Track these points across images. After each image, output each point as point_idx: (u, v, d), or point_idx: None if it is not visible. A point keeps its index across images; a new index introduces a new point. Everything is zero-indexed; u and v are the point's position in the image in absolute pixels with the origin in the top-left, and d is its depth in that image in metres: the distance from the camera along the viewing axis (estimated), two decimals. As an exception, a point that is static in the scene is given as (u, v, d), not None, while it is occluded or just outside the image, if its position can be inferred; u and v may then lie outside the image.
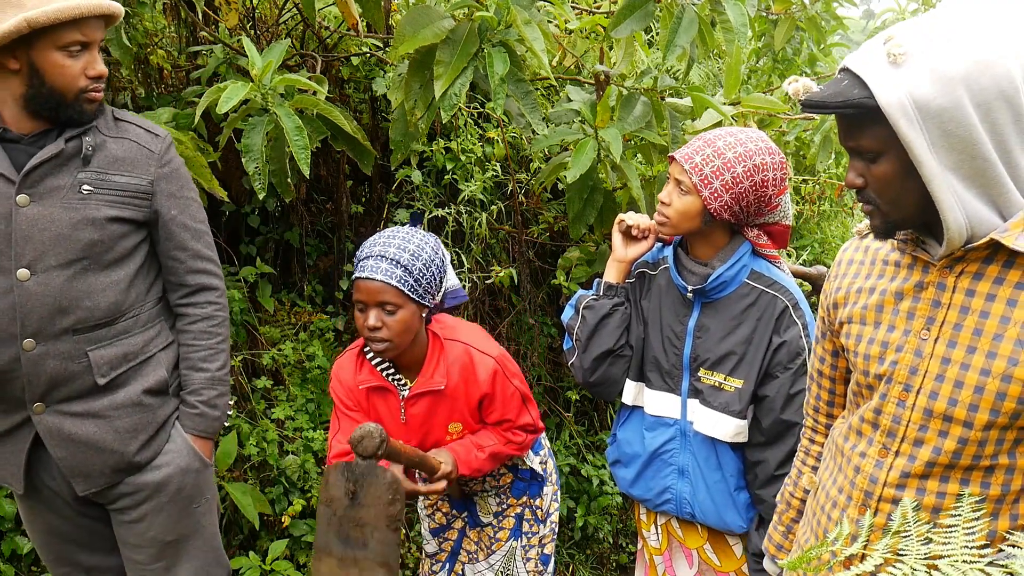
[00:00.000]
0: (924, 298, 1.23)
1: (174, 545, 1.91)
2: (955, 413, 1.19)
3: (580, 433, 3.55)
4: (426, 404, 1.95)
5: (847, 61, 1.14)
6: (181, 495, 1.88)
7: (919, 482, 1.24)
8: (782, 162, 1.78)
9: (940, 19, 1.10)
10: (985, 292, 1.17)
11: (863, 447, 1.31)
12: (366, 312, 1.81)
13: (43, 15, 1.54)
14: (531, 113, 2.26)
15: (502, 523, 2.16)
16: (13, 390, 1.71)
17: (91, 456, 1.77)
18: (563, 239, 3.31)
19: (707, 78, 4.39)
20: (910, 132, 1.08)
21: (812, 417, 1.57)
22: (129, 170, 1.75)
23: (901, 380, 1.25)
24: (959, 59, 1.07)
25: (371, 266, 1.79)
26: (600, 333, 1.94)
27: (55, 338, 1.69)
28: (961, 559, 0.85)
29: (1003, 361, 1.15)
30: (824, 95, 1.14)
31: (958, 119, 1.07)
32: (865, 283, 1.33)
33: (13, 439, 1.76)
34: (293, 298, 3.15)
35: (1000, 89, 1.07)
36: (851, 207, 5.30)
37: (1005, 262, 1.16)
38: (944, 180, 1.10)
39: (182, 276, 1.86)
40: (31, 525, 1.91)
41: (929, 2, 3.71)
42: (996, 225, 1.14)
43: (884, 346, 1.27)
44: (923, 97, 1.07)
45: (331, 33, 2.84)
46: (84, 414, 1.75)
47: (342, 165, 3.07)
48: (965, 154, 1.09)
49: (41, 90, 1.62)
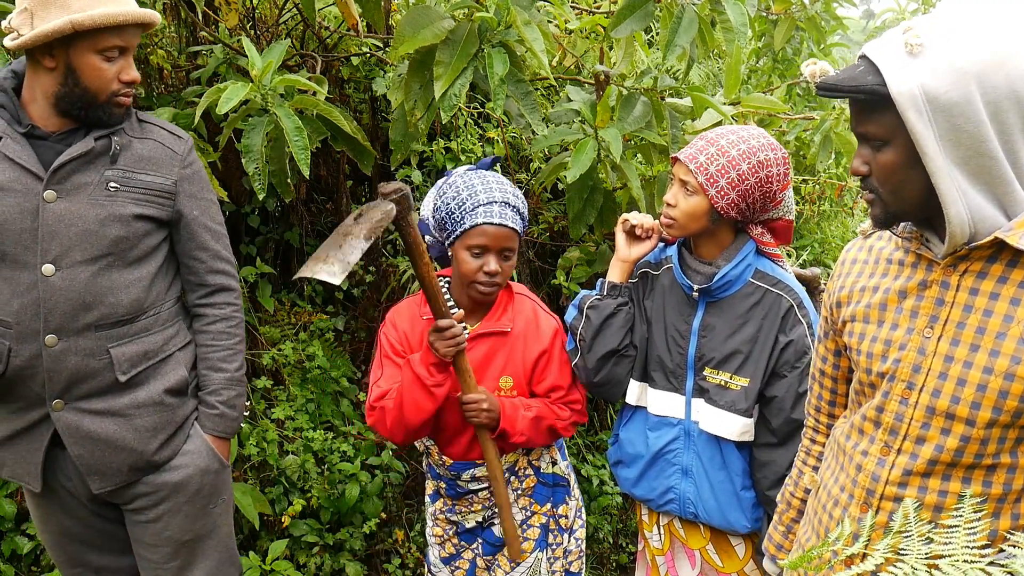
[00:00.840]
0: (928, 296, 1.23)
1: (190, 545, 1.91)
2: (958, 411, 1.19)
3: (580, 433, 3.55)
4: (486, 348, 1.95)
5: (866, 48, 1.15)
6: (199, 496, 1.89)
7: (921, 480, 1.24)
8: (784, 157, 1.79)
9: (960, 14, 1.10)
10: (989, 291, 1.17)
11: (865, 445, 1.31)
12: (485, 257, 1.86)
13: (88, 19, 1.58)
14: (531, 113, 2.26)
15: (526, 533, 2.08)
16: (33, 386, 1.71)
17: (109, 454, 1.77)
18: (563, 239, 3.31)
19: (707, 78, 4.40)
20: (918, 123, 1.08)
21: (814, 417, 1.57)
22: (154, 169, 1.78)
23: (904, 378, 1.25)
24: (975, 55, 1.07)
25: (499, 212, 1.85)
26: (604, 333, 1.94)
27: (77, 334, 1.70)
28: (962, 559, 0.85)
29: (1006, 359, 1.15)
30: (838, 79, 1.15)
31: (967, 114, 1.07)
32: (869, 282, 1.33)
33: (30, 437, 1.76)
34: (293, 298, 3.15)
35: (1013, 89, 1.08)
36: (851, 207, 5.31)
37: (1009, 261, 1.16)
38: (948, 173, 1.10)
39: (202, 276, 1.88)
40: (43, 525, 1.90)
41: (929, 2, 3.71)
42: (1000, 224, 1.14)
43: (887, 344, 1.27)
44: (935, 90, 1.07)
45: (331, 33, 2.84)
46: (104, 412, 1.76)
47: (342, 165, 3.07)
48: (972, 150, 1.09)
49: (74, 90, 1.65)
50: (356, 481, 2.84)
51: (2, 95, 1.70)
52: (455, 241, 1.89)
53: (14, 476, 1.80)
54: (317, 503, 2.80)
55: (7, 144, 1.66)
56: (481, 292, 1.90)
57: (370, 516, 2.89)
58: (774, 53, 4.00)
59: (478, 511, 2.07)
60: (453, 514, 2.09)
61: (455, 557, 2.13)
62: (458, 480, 2.03)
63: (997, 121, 1.08)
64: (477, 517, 2.07)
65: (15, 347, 1.68)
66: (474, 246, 1.86)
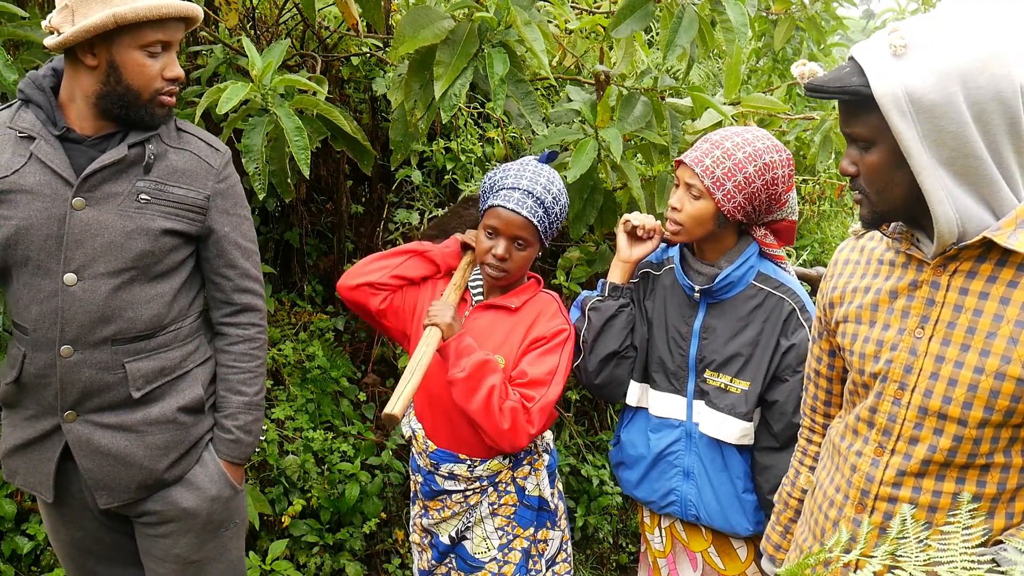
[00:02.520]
0: (918, 297, 1.23)
1: (197, 565, 1.86)
2: (949, 411, 1.19)
3: (580, 433, 3.55)
4: (488, 320, 1.95)
5: (853, 50, 1.16)
6: (211, 522, 1.84)
7: (915, 480, 1.24)
8: (789, 159, 1.79)
9: (946, 16, 1.11)
10: (979, 290, 1.18)
11: (859, 446, 1.31)
12: (496, 239, 1.88)
13: (132, 12, 1.52)
14: (531, 113, 2.25)
15: (508, 557, 1.99)
16: (46, 395, 1.68)
17: (118, 470, 1.73)
18: (563, 239, 3.31)
19: (707, 78, 4.39)
20: (901, 123, 1.09)
21: (810, 417, 1.57)
22: (188, 183, 1.72)
23: (896, 378, 1.25)
24: (959, 56, 1.07)
25: (518, 199, 1.85)
26: (606, 334, 1.93)
27: (93, 347, 1.66)
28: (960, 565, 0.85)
29: (996, 359, 1.15)
30: (824, 80, 1.16)
31: (950, 115, 1.08)
32: (860, 283, 1.33)
33: (43, 446, 1.73)
34: (293, 298, 3.15)
35: (997, 91, 1.08)
36: (851, 207, 5.30)
37: (998, 260, 1.17)
38: (934, 173, 1.11)
39: (229, 294, 1.82)
40: (55, 535, 1.87)
41: (929, 2, 3.71)
42: (989, 223, 1.15)
43: (879, 345, 1.27)
44: (917, 91, 1.07)
45: (331, 33, 2.84)
46: (116, 427, 1.71)
47: (342, 165, 3.07)
48: (957, 151, 1.10)
49: (117, 88, 1.60)
50: (356, 481, 2.84)
51: (39, 94, 1.64)
52: (481, 218, 1.93)
53: (27, 485, 1.77)
54: (317, 503, 2.80)
55: (40, 146, 1.61)
56: (490, 274, 1.92)
57: (370, 516, 2.89)
58: (774, 53, 4.00)
59: (449, 519, 2.02)
60: (427, 519, 2.04)
61: (429, 574, 2.10)
62: (436, 474, 1.98)
63: (981, 122, 1.09)
64: (450, 529, 2.02)
65: (30, 354, 1.66)
66: (489, 227, 1.90)
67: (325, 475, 2.83)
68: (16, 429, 1.75)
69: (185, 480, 1.80)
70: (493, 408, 1.79)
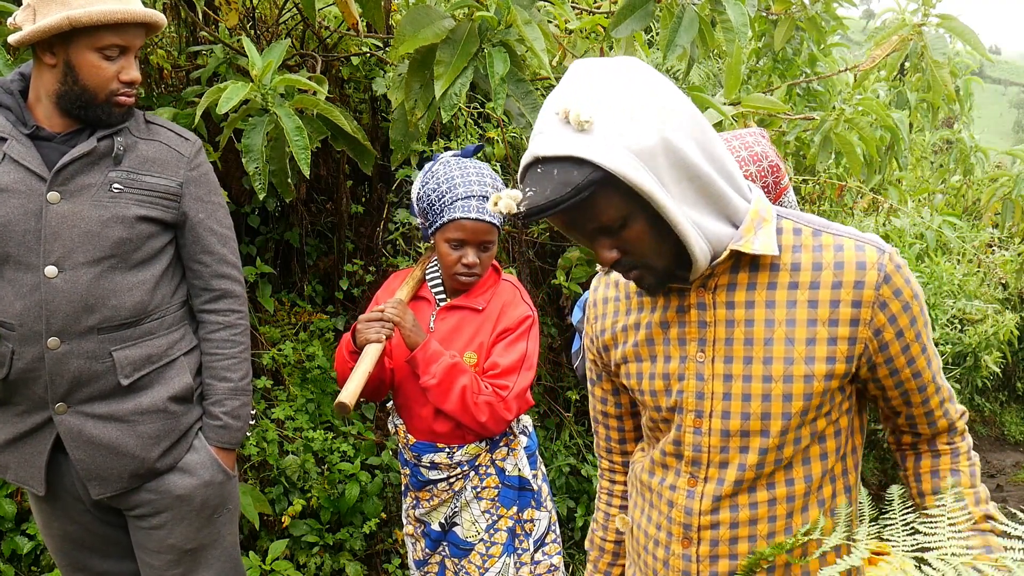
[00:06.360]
0: (689, 321, 1.21)
1: (192, 553, 1.88)
2: (751, 426, 1.18)
3: (580, 433, 3.55)
4: (456, 320, 2.01)
5: (538, 152, 1.06)
6: (204, 507, 1.86)
7: (730, 501, 1.22)
8: (771, 167, 1.78)
9: (597, 81, 1.06)
10: (743, 300, 1.17)
11: (672, 479, 1.28)
12: (463, 249, 1.92)
13: (86, 16, 1.57)
14: (531, 113, 2.26)
15: (494, 538, 2.05)
16: (36, 389, 1.70)
17: (110, 460, 1.75)
18: (563, 239, 3.31)
19: (707, 78, 4.40)
20: (640, 178, 1.04)
21: (607, 459, 1.50)
22: (159, 171, 1.77)
23: (691, 408, 1.22)
24: (639, 102, 1.05)
25: (478, 207, 1.88)
26: None
27: (80, 337, 1.69)
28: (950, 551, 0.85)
29: (780, 363, 1.15)
30: (548, 195, 1.04)
31: (670, 148, 1.05)
32: (627, 319, 1.30)
33: (34, 440, 1.75)
34: (293, 298, 3.15)
35: (684, 111, 1.08)
36: (851, 207, 5.30)
37: (751, 266, 1.17)
38: (681, 213, 1.08)
39: (207, 280, 1.86)
40: (46, 529, 1.89)
41: (929, 2, 3.71)
42: (731, 235, 1.14)
43: (666, 378, 1.24)
44: (632, 143, 1.03)
45: (331, 33, 2.84)
46: (107, 417, 1.74)
47: (342, 165, 3.07)
48: (686, 179, 1.07)
49: (74, 88, 1.64)
50: (356, 481, 2.84)
51: (8, 97, 1.70)
52: (435, 232, 1.94)
53: (18, 480, 1.79)
54: (317, 503, 2.80)
55: (12, 146, 1.66)
56: (461, 282, 1.97)
57: (370, 516, 2.89)
58: (774, 53, 4.00)
59: (438, 507, 2.07)
60: (419, 509, 2.10)
61: (424, 563, 2.15)
62: (420, 464, 2.04)
63: (692, 139, 1.08)
64: (440, 517, 2.08)
65: (18, 350, 1.68)
66: (452, 239, 1.92)
67: (325, 475, 2.83)
68: (6, 425, 1.76)
69: (178, 468, 1.83)
70: (468, 405, 1.90)
